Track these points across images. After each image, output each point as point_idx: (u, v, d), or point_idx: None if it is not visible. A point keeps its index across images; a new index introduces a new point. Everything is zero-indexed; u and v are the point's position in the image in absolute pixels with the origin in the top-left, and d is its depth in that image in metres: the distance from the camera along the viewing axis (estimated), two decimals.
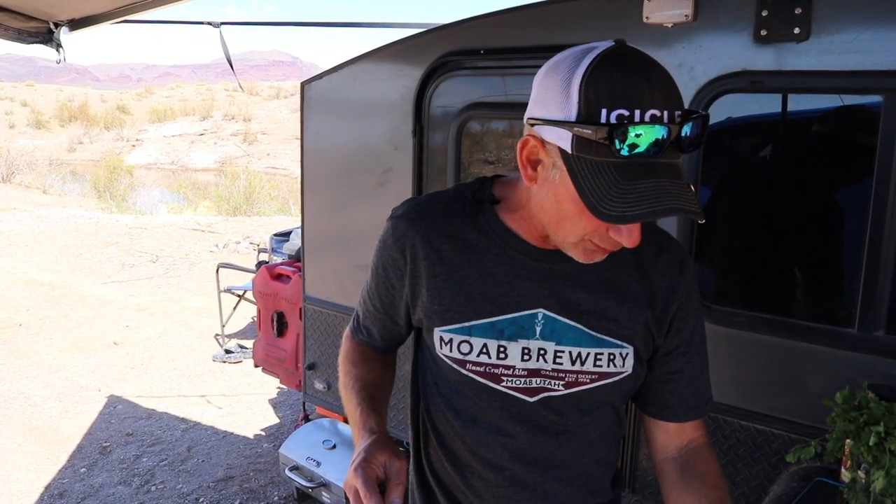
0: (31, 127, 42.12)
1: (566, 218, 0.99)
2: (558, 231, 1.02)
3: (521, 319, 1.11)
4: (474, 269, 1.13)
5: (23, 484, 4.01)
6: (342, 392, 1.25)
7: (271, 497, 3.87)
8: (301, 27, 5.24)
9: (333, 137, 3.00)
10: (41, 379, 5.59)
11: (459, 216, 1.15)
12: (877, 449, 1.37)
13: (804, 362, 1.85)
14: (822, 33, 1.73)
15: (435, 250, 1.14)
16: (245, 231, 11.82)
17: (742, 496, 1.96)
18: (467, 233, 1.14)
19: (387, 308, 1.25)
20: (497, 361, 1.12)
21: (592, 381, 1.13)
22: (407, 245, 1.16)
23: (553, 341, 1.11)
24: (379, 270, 1.22)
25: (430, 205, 1.19)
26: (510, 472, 1.18)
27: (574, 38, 2.17)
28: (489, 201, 1.15)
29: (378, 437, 1.07)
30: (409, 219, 1.17)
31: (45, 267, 9.37)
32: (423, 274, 1.15)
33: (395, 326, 1.27)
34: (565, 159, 0.94)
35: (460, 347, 1.13)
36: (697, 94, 1.93)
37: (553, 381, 1.13)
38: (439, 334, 1.15)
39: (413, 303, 1.19)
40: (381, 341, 1.31)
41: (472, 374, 1.14)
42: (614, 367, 1.12)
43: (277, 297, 4.03)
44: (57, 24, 3.22)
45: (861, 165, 1.77)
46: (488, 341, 1.12)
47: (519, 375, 1.13)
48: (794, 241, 2.00)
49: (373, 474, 0.99)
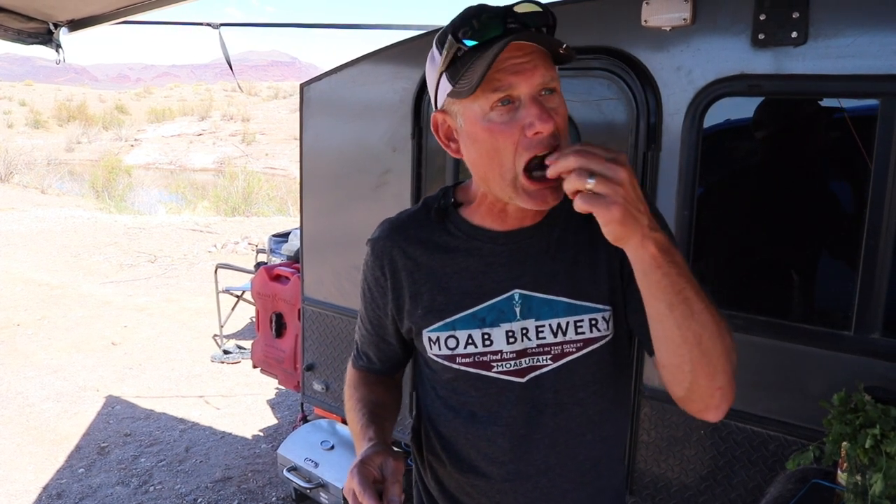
0: (30, 127, 42.09)
1: (491, 151, 1.04)
2: (496, 172, 1.05)
3: (500, 304, 1.16)
4: (448, 267, 1.19)
5: (21, 484, 4.01)
6: (347, 416, 1.30)
7: (269, 498, 3.87)
8: (300, 28, 5.24)
9: (333, 139, 3.00)
10: (39, 379, 5.59)
11: (429, 224, 1.22)
12: (873, 451, 1.38)
13: (801, 365, 1.86)
14: (820, 37, 1.74)
15: (411, 259, 1.21)
16: (243, 231, 11.81)
17: (739, 498, 1.97)
18: (437, 237, 1.21)
19: (377, 329, 1.30)
20: (484, 349, 1.16)
21: (578, 349, 1.16)
22: (385, 261, 1.23)
23: (532, 318, 1.15)
24: (366, 292, 1.29)
25: (402, 220, 1.26)
26: (513, 465, 1.20)
27: (572, 40, 2.17)
28: (452, 205, 1.22)
29: (375, 443, 1.11)
30: (384, 236, 1.24)
31: (43, 267, 9.37)
32: (404, 283, 1.21)
33: (388, 346, 1.31)
34: (456, 99, 1.05)
35: (447, 343, 1.18)
36: (695, 97, 1.94)
37: (541, 357, 1.16)
38: (427, 335, 1.19)
39: (399, 315, 1.24)
40: (380, 364, 1.34)
41: (463, 367, 1.18)
42: (598, 332, 1.16)
43: (276, 298, 4.04)
44: (56, 24, 3.23)
45: (858, 169, 1.78)
46: (472, 331, 1.16)
47: (508, 359, 1.16)
48: (791, 243, 2.01)
49: (369, 475, 1.03)
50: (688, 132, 1.97)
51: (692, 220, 2.00)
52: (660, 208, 2.04)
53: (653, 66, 2.01)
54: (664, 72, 2.00)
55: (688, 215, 2.00)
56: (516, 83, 1.00)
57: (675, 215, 2.02)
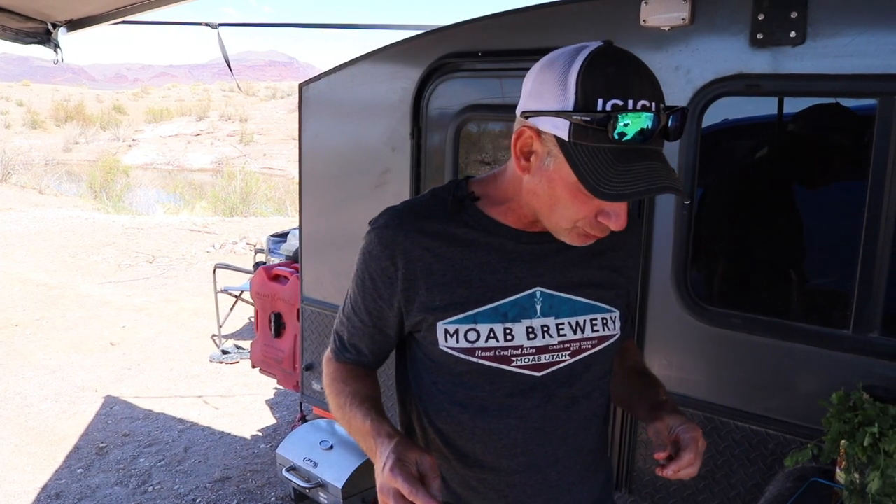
0: (27, 127, 42.00)
1: (559, 203, 1.07)
2: (551, 217, 1.10)
3: (522, 300, 1.17)
4: (469, 260, 1.17)
5: (19, 485, 4.00)
6: (338, 413, 1.23)
7: (268, 498, 3.87)
8: (298, 28, 5.24)
9: (331, 139, 3.00)
10: (38, 379, 5.58)
11: (442, 216, 1.19)
12: (871, 450, 1.38)
13: (799, 364, 1.86)
14: (818, 37, 1.74)
15: (427, 249, 1.17)
16: (241, 232, 11.80)
17: (738, 496, 1.98)
18: (454, 229, 1.18)
19: (375, 321, 1.24)
20: (505, 344, 1.17)
21: (594, 345, 1.21)
22: (397, 251, 1.17)
23: (552, 316, 1.18)
24: (366, 282, 1.22)
25: (411, 209, 1.22)
26: (523, 458, 1.21)
27: (571, 40, 2.16)
28: (469, 198, 1.20)
29: (400, 438, 1.06)
30: (393, 225, 1.19)
31: (41, 267, 9.35)
32: (420, 275, 1.17)
33: (384, 338, 1.26)
34: (562, 146, 1.02)
35: (467, 336, 1.16)
36: (694, 96, 1.94)
37: (560, 354, 1.19)
38: (444, 328, 1.16)
39: (408, 307, 1.19)
40: (371, 356, 1.29)
41: (483, 360, 1.17)
42: (608, 330, 1.23)
43: (275, 298, 4.03)
44: (55, 24, 3.23)
45: (856, 168, 1.78)
46: (494, 326, 1.16)
47: (528, 354, 1.18)
48: (790, 242, 2.01)
49: (411, 472, 0.99)
50: (686, 132, 1.97)
51: (691, 219, 2.00)
52: (659, 208, 2.05)
53: (651, 66, 2.00)
54: (663, 71, 2.00)
55: (687, 214, 2.00)
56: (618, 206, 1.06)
57: (674, 214, 2.02)
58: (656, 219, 2.07)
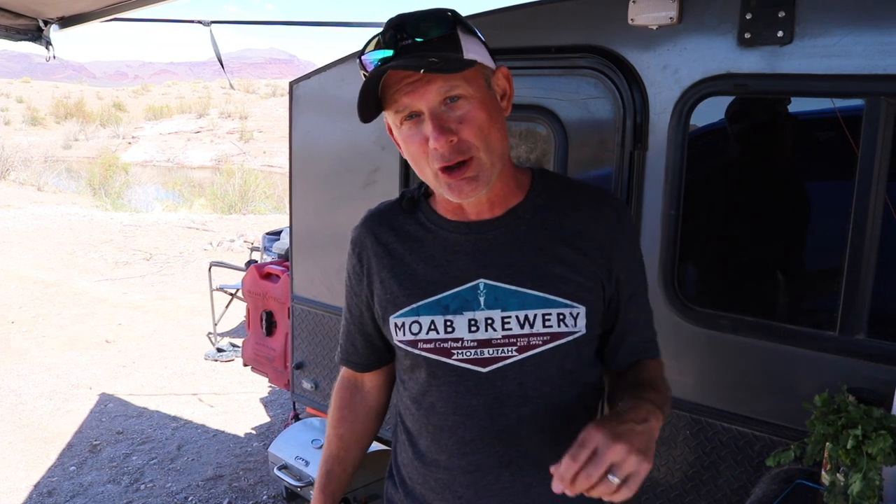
0: (27, 124, 41.93)
1: (411, 159, 1.13)
2: (424, 178, 1.15)
3: (464, 293, 1.17)
4: (416, 254, 1.21)
5: (11, 482, 4.00)
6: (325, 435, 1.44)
7: (260, 496, 3.87)
8: (298, 26, 5.23)
9: (322, 137, 2.99)
10: (32, 377, 5.58)
11: (402, 213, 1.26)
12: (854, 452, 1.38)
13: (786, 365, 1.86)
14: (806, 37, 1.74)
15: (382, 245, 1.24)
16: (240, 229, 11.80)
17: (724, 498, 1.97)
18: (408, 225, 1.24)
19: (356, 319, 1.33)
20: (445, 336, 1.17)
21: (545, 342, 1.15)
22: (361, 248, 1.27)
23: (498, 308, 1.16)
24: (346, 283, 1.33)
25: (380, 210, 1.30)
26: (473, 457, 1.19)
27: (559, 39, 2.17)
28: (423, 196, 1.26)
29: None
30: (361, 225, 1.29)
31: (38, 264, 9.35)
32: (375, 268, 1.24)
33: (366, 339, 1.34)
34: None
35: (411, 328, 1.19)
36: (682, 96, 1.93)
37: (506, 349, 1.16)
38: (393, 321, 1.21)
39: (372, 301, 1.27)
40: (361, 357, 1.37)
41: (424, 352, 1.19)
42: (565, 327, 1.15)
43: (266, 297, 4.03)
44: (47, 21, 3.22)
45: (843, 168, 1.78)
46: (435, 318, 1.18)
47: (468, 347, 1.17)
48: (776, 243, 2.01)
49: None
50: (674, 131, 1.96)
51: (678, 220, 2.00)
52: (646, 208, 2.04)
53: (639, 65, 2.01)
54: (651, 71, 1.99)
55: (674, 215, 1.99)
56: (411, 102, 1.06)
57: (662, 214, 2.01)
58: (643, 219, 2.06)
